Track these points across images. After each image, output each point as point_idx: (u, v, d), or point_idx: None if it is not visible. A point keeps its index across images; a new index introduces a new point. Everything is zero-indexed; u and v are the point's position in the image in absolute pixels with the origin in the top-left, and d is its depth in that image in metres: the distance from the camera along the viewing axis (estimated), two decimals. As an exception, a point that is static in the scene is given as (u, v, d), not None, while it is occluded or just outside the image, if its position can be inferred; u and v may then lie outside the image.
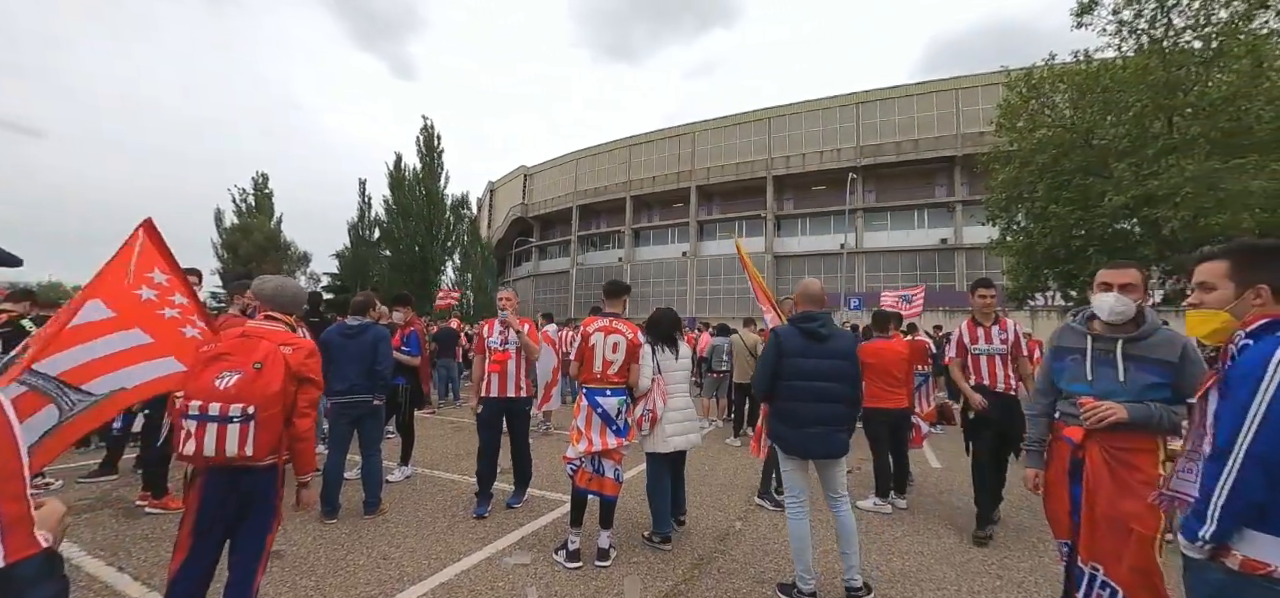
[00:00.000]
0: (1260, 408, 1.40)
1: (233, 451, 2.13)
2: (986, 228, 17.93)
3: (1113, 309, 2.31)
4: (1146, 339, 2.29)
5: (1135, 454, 2.23)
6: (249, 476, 2.27)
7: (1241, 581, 1.44)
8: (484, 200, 58.77)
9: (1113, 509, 2.22)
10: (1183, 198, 11.19)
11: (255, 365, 2.21)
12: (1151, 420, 2.20)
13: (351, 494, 4.57)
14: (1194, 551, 1.53)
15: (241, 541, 2.34)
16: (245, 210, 35.35)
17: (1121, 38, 13.28)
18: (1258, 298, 1.59)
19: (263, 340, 2.33)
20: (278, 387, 2.23)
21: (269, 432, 2.21)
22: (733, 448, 7.39)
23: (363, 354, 4.50)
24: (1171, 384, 2.23)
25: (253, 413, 2.15)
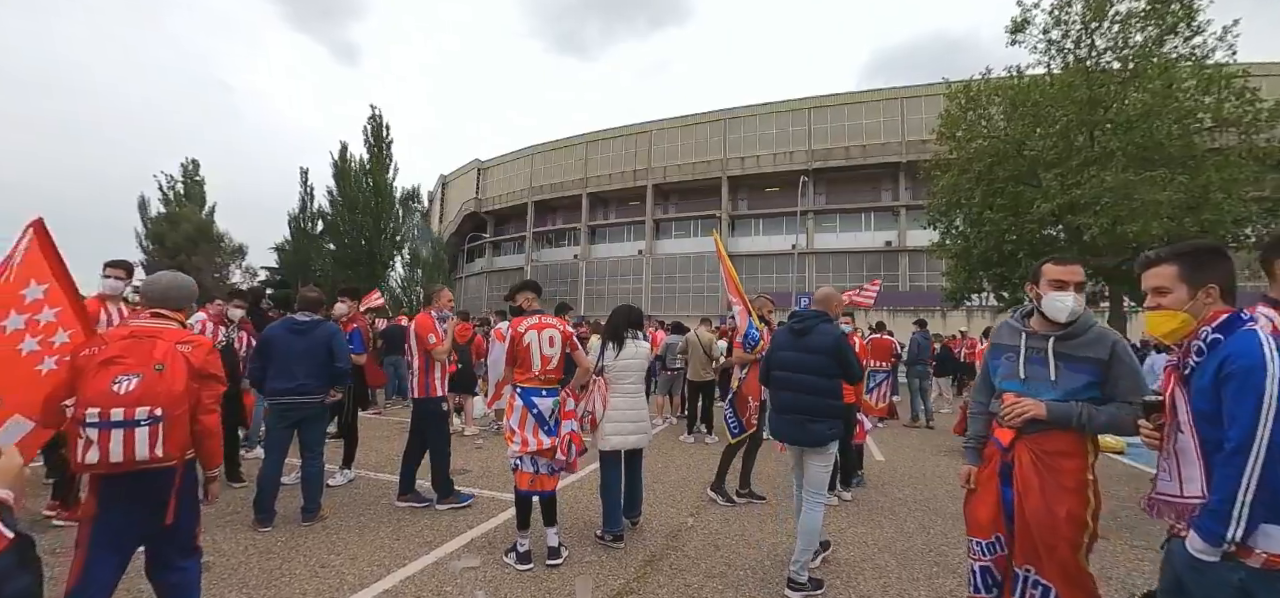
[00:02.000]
0: (1272, 401, 1.43)
1: (144, 453, 2.07)
2: (928, 231, 18.79)
3: (1072, 310, 2.24)
4: (1078, 337, 2.25)
5: (1062, 458, 2.21)
6: (160, 477, 2.20)
7: (1266, 576, 1.44)
8: (436, 194, 57.11)
9: (1043, 513, 2.20)
10: (1102, 206, 12.07)
11: (156, 367, 2.15)
12: (1071, 419, 2.16)
13: (289, 501, 4.33)
14: (1214, 554, 1.49)
15: (165, 544, 2.30)
16: (173, 199, 33.10)
17: (1050, 56, 14.21)
18: (1208, 297, 1.68)
19: (158, 341, 2.24)
20: (182, 386, 2.18)
21: (179, 430, 2.18)
22: (686, 445, 7.46)
23: (313, 352, 4.25)
24: (1100, 383, 2.20)
25: (160, 414, 2.10)
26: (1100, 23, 13.24)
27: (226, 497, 4.69)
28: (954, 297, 17.06)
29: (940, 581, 3.53)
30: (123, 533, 2.21)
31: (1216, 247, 1.81)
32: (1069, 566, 2.16)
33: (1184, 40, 12.79)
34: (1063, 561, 2.15)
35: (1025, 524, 2.25)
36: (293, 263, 30.19)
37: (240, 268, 33.78)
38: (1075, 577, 2.17)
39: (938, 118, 16.90)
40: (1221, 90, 12.40)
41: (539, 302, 3.99)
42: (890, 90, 35.55)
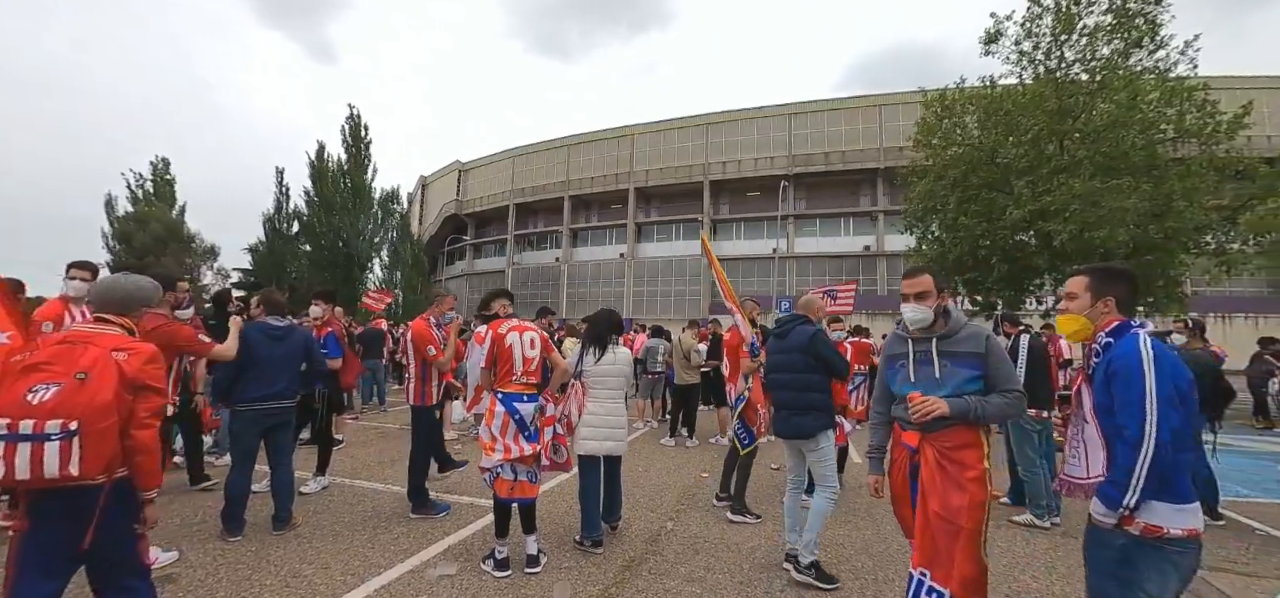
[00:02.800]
0: (1152, 393, 1.76)
1: (52, 471, 1.86)
2: (905, 236, 19.12)
3: (912, 318, 2.51)
4: (955, 336, 2.46)
5: (961, 451, 2.34)
6: (84, 496, 1.99)
7: (1140, 542, 1.79)
8: (416, 195, 56.42)
9: (942, 507, 2.31)
10: (1071, 213, 12.40)
11: (78, 375, 1.96)
12: (970, 413, 2.32)
13: (261, 510, 4.23)
14: (1110, 518, 1.83)
15: (102, 565, 2.11)
16: (142, 197, 32.17)
17: (1022, 67, 14.57)
18: (1106, 307, 2.01)
19: (90, 347, 2.05)
20: (108, 397, 1.97)
21: (101, 446, 1.96)
22: (667, 449, 7.46)
23: (292, 357, 4.18)
24: (983, 375, 2.38)
25: (75, 428, 1.90)
26: (1069, 35, 13.63)
27: (194, 505, 4.58)
28: (930, 301, 17.37)
29: (915, 582, 3.58)
30: (53, 554, 2.01)
31: (1120, 269, 2.11)
32: (972, 553, 2.25)
33: (1148, 54, 13.22)
34: (966, 549, 2.25)
35: (926, 522, 2.36)
36: (267, 265, 29.55)
37: (212, 270, 32.91)
38: (976, 570, 2.26)
39: (915, 125, 17.21)
40: (1183, 102, 12.84)
41: (511, 308, 4.02)
42: (869, 97, 36.18)
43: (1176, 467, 1.76)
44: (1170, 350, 1.85)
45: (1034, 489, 4.72)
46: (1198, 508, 1.80)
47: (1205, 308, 21.67)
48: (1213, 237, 14.04)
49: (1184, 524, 1.76)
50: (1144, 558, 1.78)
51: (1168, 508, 1.76)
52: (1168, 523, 1.76)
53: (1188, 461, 1.79)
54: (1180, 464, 1.77)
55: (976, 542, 2.26)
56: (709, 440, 7.86)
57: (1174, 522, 1.76)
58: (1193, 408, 1.78)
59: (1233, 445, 8.09)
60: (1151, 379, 1.77)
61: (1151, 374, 1.77)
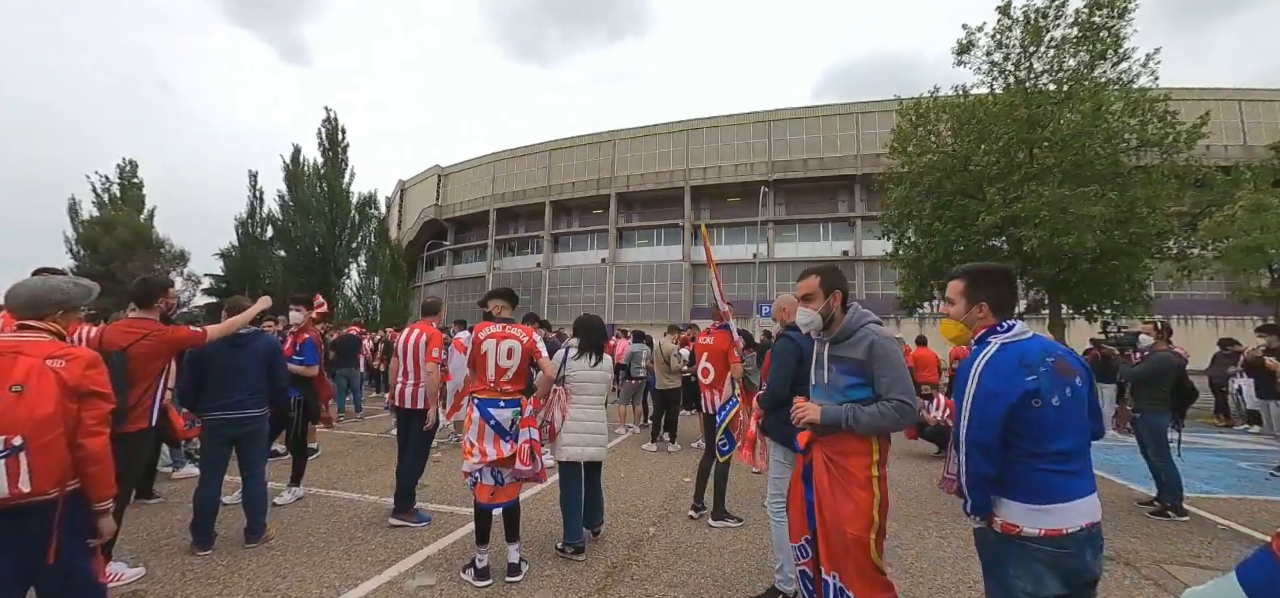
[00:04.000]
0: (968, 401, 1.81)
1: (2, 489, 1.78)
2: (883, 242, 19.43)
3: (801, 321, 2.55)
4: (844, 340, 2.43)
5: (848, 458, 2.34)
6: (36, 512, 1.90)
7: (1004, 539, 1.81)
8: (394, 200, 55.66)
9: (833, 514, 2.33)
10: (1040, 219, 12.75)
11: (13, 388, 1.86)
12: (841, 422, 2.31)
13: (231, 522, 4.12)
14: (974, 521, 1.91)
15: (54, 584, 2.01)
16: (108, 201, 31.18)
17: (993, 77, 14.98)
18: (980, 312, 1.97)
19: (20, 357, 1.95)
20: (50, 409, 1.89)
21: (49, 459, 1.88)
22: (649, 454, 7.46)
23: (252, 366, 4.03)
24: (866, 381, 2.34)
25: (20, 443, 1.82)
26: (1037, 47, 14.05)
27: (162, 520, 4.44)
28: (907, 305, 17.68)
29: (893, 580, 3.58)
30: (5, 576, 1.91)
31: (994, 270, 2.05)
32: (863, 564, 2.27)
33: (1112, 65, 13.70)
34: (856, 559, 2.27)
35: (824, 526, 2.39)
36: (239, 270, 28.85)
37: (182, 275, 31.98)
38: (870, 573, 2.29)
39: (890, 133, 17.54)
40: (1145, 113, 13.32)
41: (511, 310, 3.88)
42: (846, 105, 36.81)
43: (1025, 469, 1.75)
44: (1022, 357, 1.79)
45: None
46: (1070, 509, 1.73)
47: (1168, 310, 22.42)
48: (1174, 242, 14.59)
49: (1041, 524, 1.73)
50: (1009, 555, 1.80)
51: (1021, 507, 1.76)
52: (1022, 522, 1.76)
53: (1039, 464, 1.74)
54: (1026, 467, 1.75)
55: (866, 549, 2.27)
56: (691, 445, 7.87)
57: (1028, 521, 1.75)
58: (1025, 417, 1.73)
59: (1196, 444, 8.38)
60: (973, 386, 1.80)
61: (974, 382, 1.81)
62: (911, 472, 6.70)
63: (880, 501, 2.30)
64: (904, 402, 2.25)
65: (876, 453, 2.33)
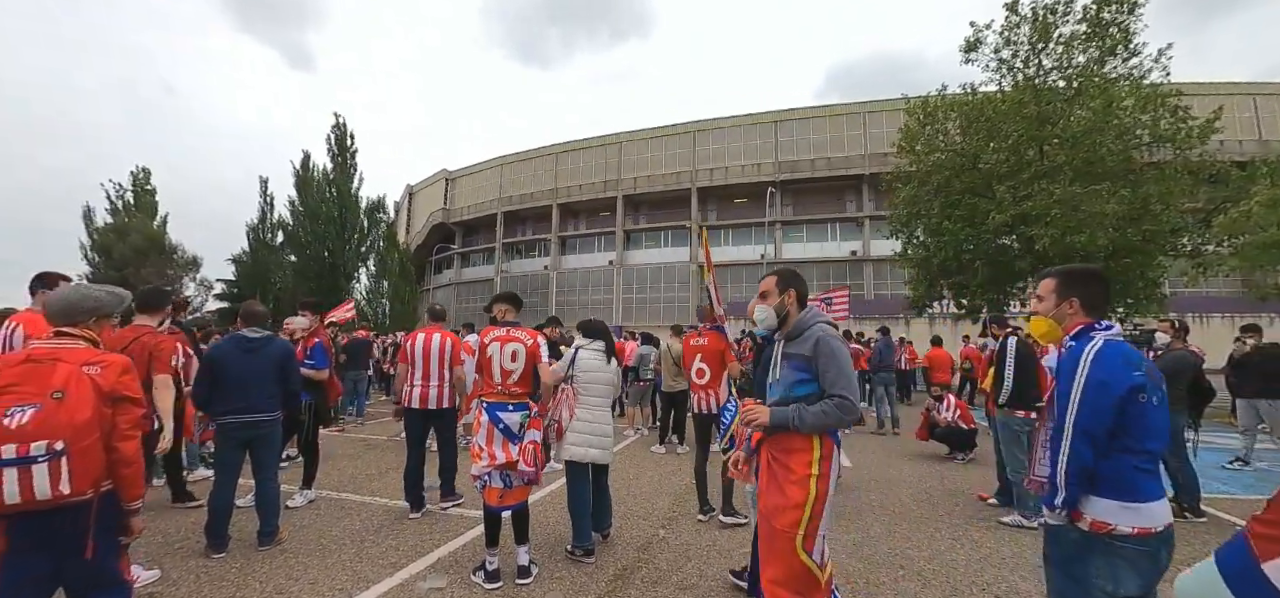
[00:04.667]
0: (1078, 391, 1.81)
1: (44, 492, 1.85)
2: (891, 241, 19.33)
3: (756, 317, 2.58)
4: (795, 338, 2.49)
5: (790, 454, 2.38)
6: (73, 513, 1.97)
7: (1090, 538, 1.82)
8: (402, 204, 56.00)
9: (766, 506, 2.40)
10: (1051, 218, 12.64)
11: (55, 395, 1.93)
12: (789, 424, 2.34)
13: (245, 525, 4.16)
14: (1054, 517, 1.88)
15: (85, 584, 2.07)
16: (121, 208, 31.62)
17: (1002, 74, 14.87)
18: (1071, 308, 2.03)
19: (60, 364, 2.02)
20: (88, 414, 1.96)
21: (88, 462, 1.95)
22: (657, 456, 7.45)
23: (266, 370, 4.08)
24: (813, 376, 2.39)
25: (62, 448, 1.88)
26: (1046, 44, 13.93)
27: (177, 522, 4.49)
28: (917, 304, 17.58)
29: (905, 584, 3.61)
30: (36, 574, 1.98)
31: (1087, 271, 2.13)
32: (788, 557, 2.30)
33: (1123, 61, 13.56)
34: (781, 550, 2.31)
35: (762, 520, 2.46)
36: (251, 275, 29.15)
37: (194, 281, 32.38)
38: (795, 569, 2.30)
39: (898, 132, 17.47)
40: (1157, 109, 13.17)
41: (516, 313, 3.91)
42: (853, 104, 36.62)
43: (1120, 465, 1.78)
44: (1127, 354, 1.84)
45: (1022, 490, 4.77)
46: (1156, 509, 1.78)
47: (1183, 308, 22.17)
48: (1188, 239, 14.40)
49: (1133, 523, 1.76)
50: (1095, 554, 1.81)
51: (1114, 505, 1.78)
52: (1115, 520, 1.77)
53: (1133, 461, 1.79)
54: (1122, 463, 1.78)
55: (791, 543, 2.29)
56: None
57: (1122, 519, 1.77)
58: (1131, 411, 1.77)
59: (1212, 443, 8.26)
60: (1083, 377, 1.82)
61: (1083, 374, 1.82)
62: (922, 473, 6.65)
63: (815, 498, 2.31)
64: (844, 398, 2.28)
65: (818, 451, 2.35)
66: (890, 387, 10.10)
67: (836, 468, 2.40)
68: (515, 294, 4.05)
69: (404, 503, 4.88)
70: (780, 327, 2.56)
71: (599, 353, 4.04)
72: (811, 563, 2.30)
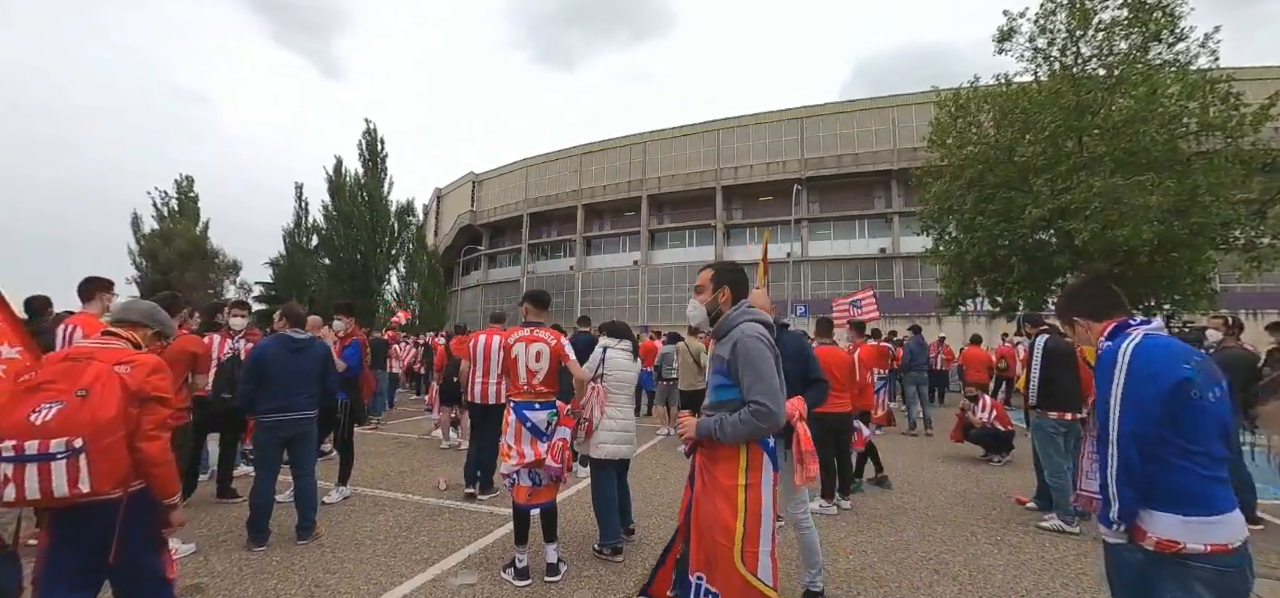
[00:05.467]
0: (1117, 390, 1.65)
1: (62, 489, 1.87)
2: (921, 238, 18.90)
3: (690, 314, 2.54)
4: (721, 339, 2.38)
5: (717, 464, 2.30)
6: (99, 512, 2.00)
7: (1157, 559, 1.60)
8: (431, 207, 57.12)
9: (701, 517, 2.32)
10: (1092, 211, 12.17)
11: (79, 392, 1.95)
12: (710, 433, 2.27)
13: (284, 519, 4.29)
14: (1112, 535, 1.68)
15: (126, 582, 2.13)
16: (166, 215, 32.98)
17: (1037, 64, 14.39)
18: (1082, 327, 1.96)
19: (92, 362, 2.05)
20: (112, 412, 1.97)
21: (110, 461, 1.95)
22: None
23: (309, 370, 4.21)
24: (732, 380, 2.27)
25: (81, 446, 1.89)
26: (1085, 31, 13.43)
27: (220, 516, 4.66)
28: (949, 302, 17.14)
29: (940, 588, 3.52)
30: (75, 570, 2.03)
31: (1077, 284, 2.14)
32: (728, 572, 2.22)
33: (1167, 47, 12.98)
34: (721, 567, 2.23)
35: (696, 527, 2.37)
36: (287, 278, 30.07)
37: (235, 284, 33.60)
38: (735, 583, 2.21)
39: (929, 125, 17.07)
40: (1206, 95, 12.57)
41: (540, 313, 3.94)
42: (881, 99, 35.95)
43: (1181, 473, 1.57)
44: (1171, 347, 1.68)
45: (1061, 494, 4.61)
46: (1230, 522, 1.57)
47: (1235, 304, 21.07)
48: (1241, 231, 13.67)
49: (1205, 540, 1.54)
50: (1164, 578, 1.59)
51: (1178, 520, 1.56)
52: (1183, 537, 1.55)
53: (1194, 468, 1.58)
54: (1183, 471, 1.57)
55: (729, 557, 2.21)
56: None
57: (1190, 536, 1.54)
58: (1185, 410, 1.57)
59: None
60: (1122, 372, 1.65)
61: (1121, 372, 1.65)
62: (957, 475, 6.49)
63: (746, 512, 2.21)
64: (759, 404, 2.13)
65: (744, 461, 2.25)
66: (922, 387, 9.88)
67: (769, 479, 2.28)
68: (541, 293, 4.07)
69: (434, 500, 5.03)
70: (712, 324, 2.47)
71: (627, 352, 4.11)
72: (754, 580, 2.20)
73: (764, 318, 2.38)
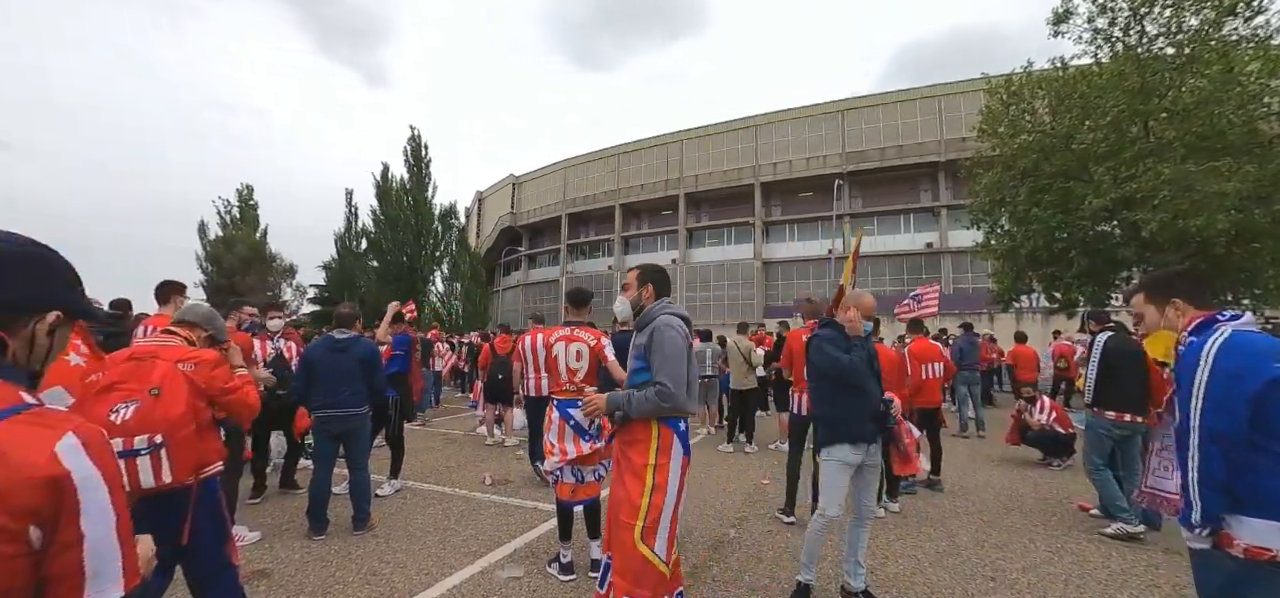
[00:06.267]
0: (1200, 387, 1.59)
1: (149, 482, 2.06)
2: (972, 232, 18.16)
3: (616, 309, 2.71)
4: (639, 329, 2.57)
5: (632, 447, 2.43)
6: (175, 499, 2.18)
7: (1248, 566, 1.51)
8: (473, 210, 58.52)
9: (613, 498, 2.48)
10: (1160, 200, 11.41)
11: (151, 391, 2.11)
12: (617, 406, 2.43)
13: (340, 510, 4.49)
14: (1196, 540, 1.60)
15: (196, 565, 2.28)
16: (229, 222, 34.90)
17: (1097, 45, 13.58)
18: (1176, 309, 1.85)
19: (157, 361, 2.20)
20: (181, 409, 2.13)
21: (185, 453, 2.13)
22: (725, 454, 7.38)
23: (351, 368, 4.39)
24: (649, 365, 2.42)
25: (161, 441, 2.07)
26: (1151, 8, 12.58)
27: (284, 507, 4.92)
28: (1002, 299, 16.40)
29: (996, 596, 3.39)
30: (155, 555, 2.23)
31: (1174, 270, 2.04)
32: (627, 547, 2.34)
33: (1244, 21, 12.03)
34: (622, 543, 2.36)
35: (608, 510, 2.55)
36: (339, 281, 31.33)
37: (291, 286, 35.28)
38: (631, 562, 2.32)
39: (978, 114, 16.38)
40: (1292, 72, 11.60)
41: (580, 313, 3.95)
42: (926, 88, 34.65)
43: (1275, 476, 1.47)
44: (1260, 344, 1.57)
45: (1105, 491, 4.43)
46: None
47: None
48: (1333, 219, 12.58)
49: None
50: (1256, 585, 1.50)
51: (1269, 526, 1.47)
52: (1276, 545, 1.47)
53: None
54: (1274, 475, 1.47)
55: (630, 534, 2.33)
56: (768, 446, 7.73)
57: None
58: (1273, 409, 1.48)
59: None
60: (1206, 371, 1.57)
61: (1207, 365, 1.58)
62: (1013, 479, 6.22)
63: (652, 490, 2.35)
64: (662, 385, 2.33)
65: (655, 443, 2.40)
66: (974, 387, 9.50)
67: (678, 463, 2.42)
68: (580, 292, 4.09)
69: (480, 495, 5.23)
70: (636, 317, 2.66)
71: None
72: (650, 555, 2.33)
73: (682, 313, 2.57)
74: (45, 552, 0.78)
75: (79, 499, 0.79)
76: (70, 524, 0.78)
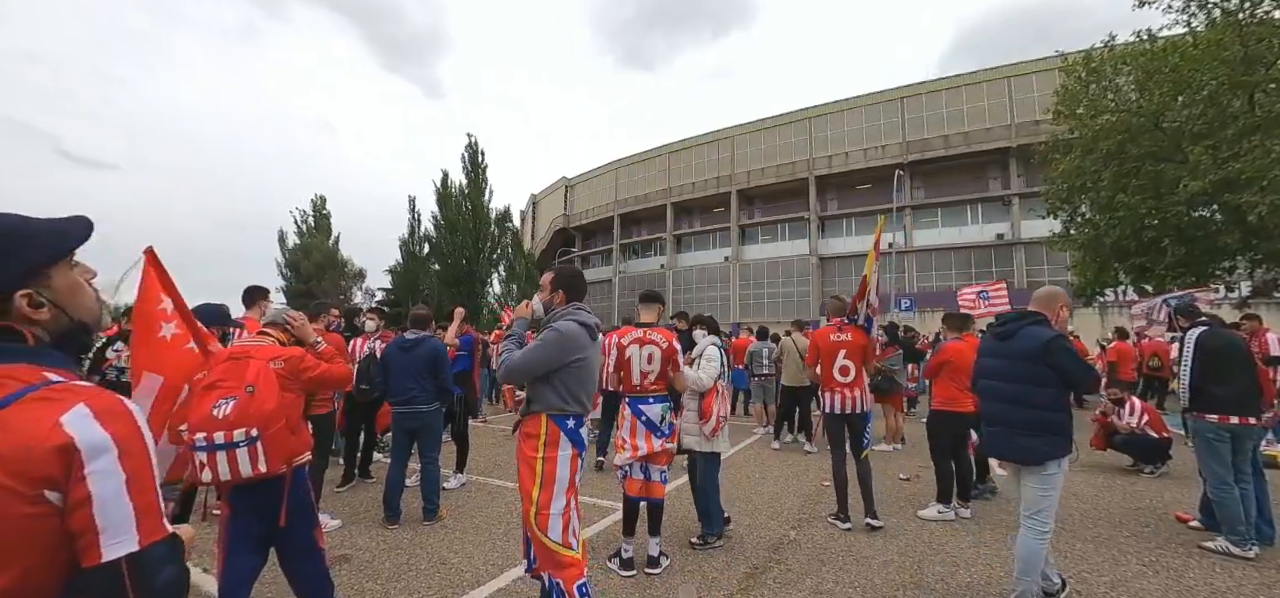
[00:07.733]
0: None
1: (247, 471, 2.27)
2: (1047, 221, 17.04)
3: (532, 307, 2.85)
4: (543, 328, 2.73)
5: (525, 439, 2.61)
6: (271, 487, 2.41)
7: None
8: (527, 212, 59.99)
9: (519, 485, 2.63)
10: (1269, 181, 10.33)
11: (247, 389, 2.32)
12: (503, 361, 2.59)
13: (412, 501, 4.74)
14: None
15: (287, 546, 2.54)
16: (306, 231, 37.29)
17: (1191, 14, 12.43)
18: None
19: (250, 361, 2.44)
20: (273, 404, 2.35)
21: (278, 445, 2.35)
22: (779, 454, 7.26)
23: (419, 367, 4.62)
24: None
25: (257, 435, 2.28)
26: (1257, -32, 11.43)
27: (361, 496, 5.23)
28: (1083, 292, 15.31)
29: (1081, 609, 3.18)
30: (250, 533, 2.47)
31: None
32: (536, 537, 2.51)
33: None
34: (532, 532, 2.52)
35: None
36: (404, 283, 32.88)
37: (361, 290, 37.34)
38: (539, 546, 2.52)
39: (1053, 95, 15.35)
40: None
41: (651, 314, 3.89)
42: (993, 69, 32.67)
43: None
44: None
45: (1225, 510, 3.98)
46: None
47: None
48: None
49: None
50: None
51: None
52: None
53: None
54: None
55: (529, 518, 2.51)
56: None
57: None
58: None
59: None
60: None
61: None
62: (1099, 487, 5.79)
63: (542, 480, 2.50)
64: (507, 355, 2.56)
65: (544, 435, 2.53)
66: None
67: (567, 455, 2.54)
68: (651, 293, 4.03)
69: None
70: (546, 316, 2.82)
71: (721, 349, 4.18)
72: (549, 541, 2.47)
73: (587, 321, 2.69)
74: (64, 511, 0.88)
75: (83, 462, 0.87)
76: (78, 486, 0.87)
